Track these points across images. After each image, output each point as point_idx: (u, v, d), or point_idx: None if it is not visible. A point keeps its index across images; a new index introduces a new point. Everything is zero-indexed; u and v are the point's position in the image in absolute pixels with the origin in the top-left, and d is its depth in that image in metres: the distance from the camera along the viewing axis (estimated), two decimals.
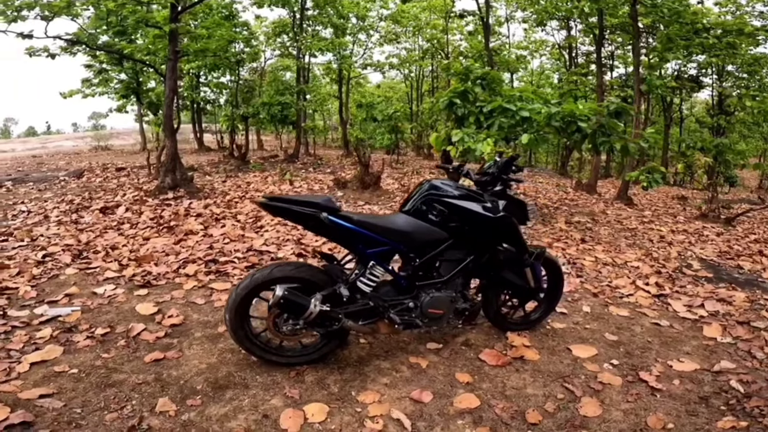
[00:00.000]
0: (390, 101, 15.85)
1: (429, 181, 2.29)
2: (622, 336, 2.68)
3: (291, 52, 11.26)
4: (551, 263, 2.65)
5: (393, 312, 2.14)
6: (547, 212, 6.60)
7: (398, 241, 2.09)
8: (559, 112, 4.98)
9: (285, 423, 1.77)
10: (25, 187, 7.23)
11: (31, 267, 3.48)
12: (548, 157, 19.63)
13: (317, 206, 1.95)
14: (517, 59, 15.06)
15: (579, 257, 4.33)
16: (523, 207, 2.41)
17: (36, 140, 21.32)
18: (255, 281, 1.99)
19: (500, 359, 2.29)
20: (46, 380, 1.99)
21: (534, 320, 2.69)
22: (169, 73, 5.58)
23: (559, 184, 10.57)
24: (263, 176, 8.39)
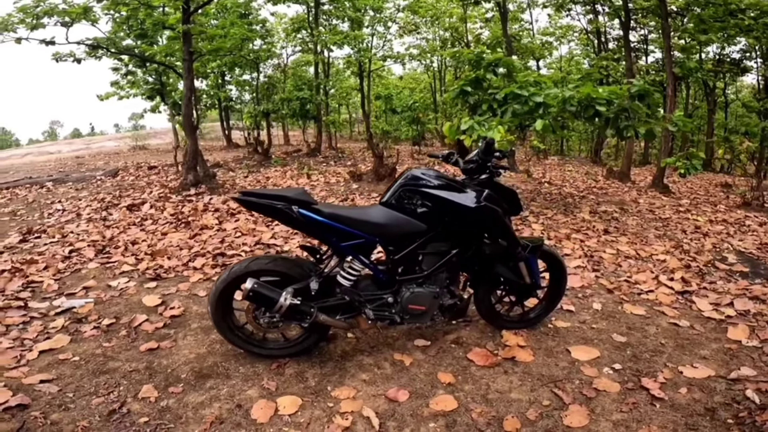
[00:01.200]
0: (413, 92, 15.65)
1: (409, 170, 2.22)
2: (632, 337, 2.50)
3: (310, 48, 11.33)
4: (551, 257, 2.50)
5: (370, 307, 2.10)
6: (570, 201, 6.31)
7: (373, 233, 2.04)
8: (573, 96, 4.72)
9: (256, 413, 1.80)
10: (64, 187, 7.72)
11: (57, 262, 3.72)
12: (581, 144, 18.76)
13: (287, 200, 1.93)
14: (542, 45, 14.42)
15: (598, 250, 4.11)
16: (513, 196, 2.28)
17: (80, 141, 22.78)
18: (233, 274, 2.02)
19: (489, 359, 2.21)
20: (50, 367, 2.12)
21: (532, 318, 2.57)
22: (185, 73, 5.76)
23: (589, 172, 10.08)
24: (283, 171, 8.54)
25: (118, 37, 7.03)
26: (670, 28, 7.92)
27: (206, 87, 12.39)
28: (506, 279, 2.39)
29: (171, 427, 1.73)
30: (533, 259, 2.38)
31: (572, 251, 4.00)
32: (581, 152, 18.18)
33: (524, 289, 2.45)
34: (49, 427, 1.71)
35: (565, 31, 15.34)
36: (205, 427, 1.72)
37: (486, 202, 2.12)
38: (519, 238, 2.30)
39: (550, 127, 4.77)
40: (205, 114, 15.89)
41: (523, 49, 12.86)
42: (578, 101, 4.76)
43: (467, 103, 5.68)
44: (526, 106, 5.06)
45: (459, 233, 2.17)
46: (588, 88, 4.81)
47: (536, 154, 12.00)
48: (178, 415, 1.79)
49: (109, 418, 1.76)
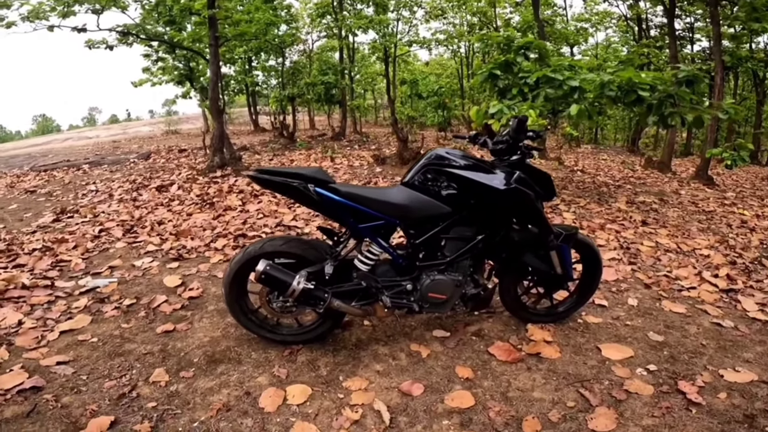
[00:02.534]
0: (439, 78, 15.21)
1: (434, 149, 2.08)
2: (671, 337, 2.32)
3: (335, 33, 11.15)
4: (586, 247, 2.32)
5: (387, 294, 2.00)
6: (605, 191, 5.99)
7: (393, 215, 1.92)
8: (613, 81, 4.41)
9: (264, 402, 1.75)
10: (99, 170, 8.00)
11: (86, 241, 3.82)
12: (617, 133, 17.85)
13: (303, 178, 1.84)
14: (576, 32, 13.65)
15: (635, 241, 3.86)
16: (546, 179, 2.09)
17: (117, 127, 23.67)
18: (247, 255, 1.97)
19: (511, 354, 2.08)
20: (68, 348, 2.14)
21: (561, 312, 2.41)
22: (211, 58, 5.76)
23: (625, 161, 9.56)
24: (308, 154, 8.52)
25: (147, 23, 7.11)
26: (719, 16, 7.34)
27: (234, 72, 12.49)
28: (535, 269, 2.24)
29: (178, 413, 1.70)
30: (566, 249, 2.21)
31: (607, 242, 3.78)
32: (617, 141, 17.31)
33: (554, 281, 2.28)
34: (60, 410, 1.71)
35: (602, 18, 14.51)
36: (211, 414, 1.69)
37: (516, 184, 1.95)
38: (551, 225, 2.14)
39: (585, 112, 4.49)
40: (233, 99, 16.08)
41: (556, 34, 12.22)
42: (618, 86, 4.45)
43: (496, 87, 5.44)
44: (560, 90, 4.81)
45: (486, 217, 2.02)
46: (630, 72, 4.48)
47: (568, 142, 11.48)
48: (186, 401, 1.77)
49: (118, 402, 1.75)
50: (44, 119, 65.11)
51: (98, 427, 1.61)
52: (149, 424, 1.64)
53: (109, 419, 1.65)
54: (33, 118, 68.26)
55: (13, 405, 1.73)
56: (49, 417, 1.68)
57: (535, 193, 2.03)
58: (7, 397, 1.77)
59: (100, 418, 1.65)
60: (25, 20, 5.49)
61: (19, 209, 5.27)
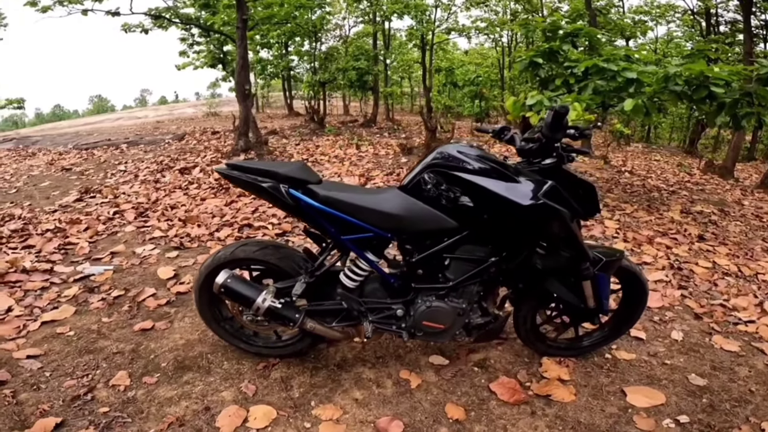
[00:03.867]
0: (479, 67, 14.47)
1: (442, 146, 1.67)
2: (715, 380, 1.93)
3: (371, 18, 10.80)
4: (631, 275, 1.88)
5: (373, 317, 1.72)
6: (656, 196, 5.36)
7: (383, 227, 1.59)
8: (680, 74, 3.84)
9: (221, 421, 1.57)
10: (135, 149, 8.20)
11: (98, 223, 3.81)
12: (672, 132, 16.38)
13: (276, 176, 1.56)
14: (634, 24, 12.46)
15: (689, 261, 3.34)
16: (589, 192, 1.66)
17: (165, 108, 24.62)
18: (217, 261, 1.76)
19: (515, 394, 1.76)
20: (44, 341, 2.05)
21: (586, 346, 2.03)
22: (239, 41, 5.65)
23: (681, 163, 8.66)
24: (334, 140, 8.34)
25: (179, 6, 7.13)
26: None
27: (270, 57, 12.47)
28: (561, 299, 1.85)
29: (128, 422, 1.56)
30: (604, 278, 1.78)
31: (654, 259, 3.29)
32: (671, 140, 15.90)
33: (583, 313, 1.88)
34: (13, 407, 1.61)
35: (663, 11, 13.16)
36: (162, 428, 1.53)
37: (545, 198, 1.54)
38: (589, 249, 1.72)
39: (643, 108, 3.95)
40: (270, 83, 16.17)
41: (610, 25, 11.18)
42: (686, 80, 3.87)
43: (537, 77, 4.96)
44: (613, 82, 4.28)
45: (503, 237, 1.66)
46: (701, 65, 3.88)
47: (617, 139, 10.58)
48: (140, 410, 1.62)
49: (71, 404, 1.63)
50: (100, 99, 69.48)
51: (43, 428, 1.53)
52: (94, 430, 1.52)
53: (55, 420, 1.55)
54: (90, 98, 73.05)
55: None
56: (2, 413, 1.60)
57: (571, 210, 1.61)
58: None
59: (48, 419, 1.56)
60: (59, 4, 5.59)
61: (49, 187, 5.43)
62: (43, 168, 6.84)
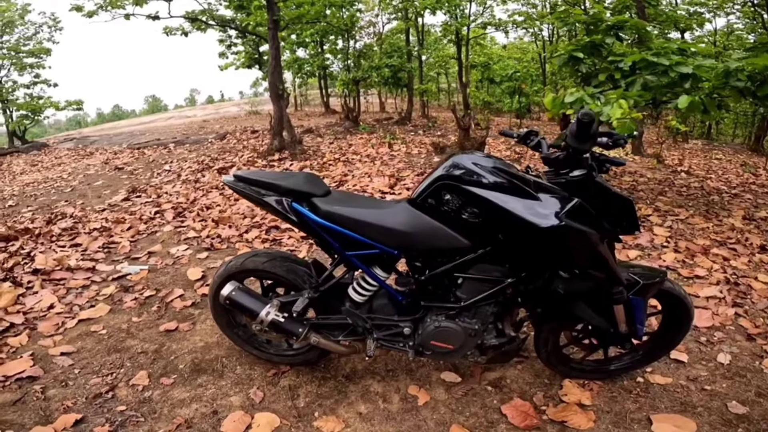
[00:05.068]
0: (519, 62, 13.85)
1: (455, 155, 1.54)
2: (757, 408, 1.73)
3: (403, 14, 10.64)
4: (673, 298, 1.70)
5: (378, 334, 1.67)
6: (716, 200, 4.88)
7: (389, 244, 1.53)
8: (742, 68, 3.48)
9: (226, 426, 1.61)
10: (181, 148, 8.64)
11: (140, 223, 4.05)
12: (737, 129, 14.92)
13: (279, 190, 1.55)
14: (689, 15, 11.38)
15: (748, 274, 2.99)
16: (626, 208, 1.48)
17: (212, 107, 25.75)
18: (228, 270, 1.80)
19: (528, 419, 1.66)
20: (78, 338, 2.20)
21: (613, 370, 1.87)
22: (270, 41, 5.76)
23: (746, 163, 7.88)
24: (368, 138, 8.34)
25: (217, 9, 7.41)
26: None
27: (306, 56, 12.68)
28: (589, 323, 1.70)
29: (140, 421, 1.64)
30: (639, 303, 1.60)
31: (708, 273, 2.97)
32: (735, 137, 14.50)
33: (612, 336, 1.71)
34: (41, 402, 1.73)
35: (722, 2, 11.96)
36: (170, 428, 1.59)
37: (568, 219, 1.38)
38: (624, 269, 1.57)
39: (700, 105, 3.61)
40: (307, 81, 16.45)
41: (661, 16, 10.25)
42: (749, 75, 3.51)
43: (578, 72, 4.66)
44: (664, 77, 3.93)
45: (520, 258, 1.53)
46: (765, 59, 3.49)
47: (673, 136, 9.78)
48: (153, 410, 1.70)
49: (92, 401, 1.74)
50: (154, 99, 74.03)
51: (63, 424, 1.62)
52: (109, 428, 1.61)
53: (75, 417, 1.65)
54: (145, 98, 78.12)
55: (7, 392, 1.80)
56: (30, 407, 1.72)
57: (601, 231, 1.45)
58: (6, 384, 1.84)
59: (69, 415, 1.66)
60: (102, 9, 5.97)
61: (102, 186, 5.85)
62: (98, 167, 7.37)
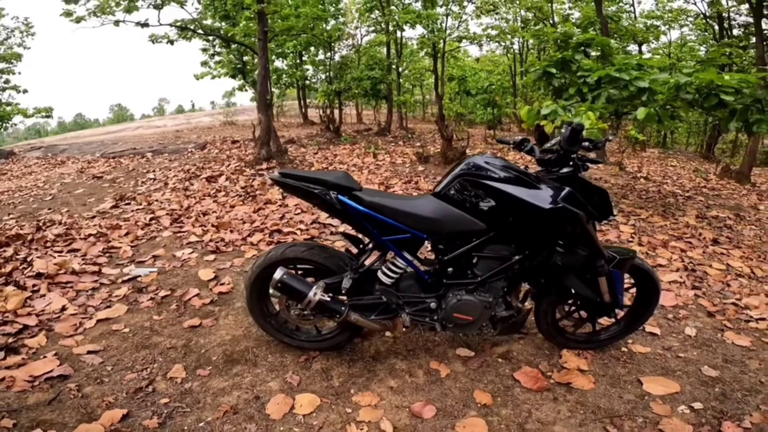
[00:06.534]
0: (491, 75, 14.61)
1: (470, 156, 1.92)
2: (727, 372, 2.06)
3: (383, 27, 11.06)
4: (643, 273, 2.08)
5: (409, 310, 1.91)
6: (672, 202, 5.45)
7: (420, 229, 1.80)
8: (690, 83, 3.97)
9: (270, 408, 1.73)
10: (160, 158, 8.52)
11: (137, 229, 4.05)
12: (689, 137, 16.28)
13: (326, 184, 1.78)
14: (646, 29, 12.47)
15: (703, 263, 3.46)
16: (602, 197, 1.88)
17: (182, 117, 25.21)
18: (269, 260, 1.96)
19: (538, 382, 1.92)
20: (101, 337, 2.24)
21: (603, 340, 2.19)
22: (260, 52, 5.91)
23: (698, 169, 8.68)
24: (351, 149, 8.56)
25: (204, 18, 7.46)
26: None
27: (285, 66, 12.82)
28: (579, 294, 2.04)
29: (187, 411, 1.73)
30: (618, 275, 1.98)
31: (669, 262, 3.42)
32: (689, 145, 15.80)
33: (599, 307, 2.06)
34: (80, 400, 1.76)
35: (676, 15, 13.17)
36: (218, 416, 1.69)
37: (564, 203, 1.75)
38: (604, 248, 1.93)
39: (655, 116, 4.08)
40: (285, 92, 16.55)
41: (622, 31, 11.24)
42: (697, 88, 4.01)
43: (550, 86, 5.11)
44: (625, 91, 4.42)
45: (526, 237, 1.86)
46: (711, 74, 4.01)
47: (632, 145, 10.60)
48: (197, 400, 1.79)
49: (134, 396, 1.79)
50: (120, 108, 71.35)
51: (110, 420, 1.64)
52: (158, 420, 1.67)
53: (121, 412, 1.68)
54: (110, 107, 75.17)
55: (38, 392, 1.80)
56: (68, 406, 1.73)
57: (587, 213, 1.82)
58: (35, 384, 1.84)
59: (114, 411, 1.68)
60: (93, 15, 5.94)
61: (84, 194, 5.73)
62: (74, 176, 7.17)
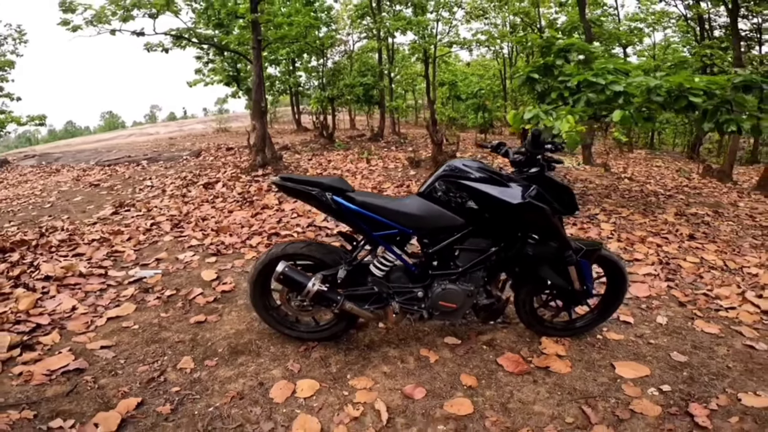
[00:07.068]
0: (481, 79, 14.91)
1: (450, 161, 2.13)
2: (695, 357, 2.22)
3: (374, 34, 11.32)
4: (611, 263, 2.28)
5: (399, 299, 2.08)
6: (653, 201, 5.68)
7: (406, 225, 2.00)
8: (661, 86, 4.19)
9: (274, 393, 1.89)
10: (156, 165, 8.64)
11: (139, 234, 4.20)
12: (676, 138, 16.69)
13: (322, 186, 1.97)
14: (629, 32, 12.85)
15: (677, 257, 3.66)
16: (567, 193, 2.09)
17: (175, 124, 25.29)
18: (270, 256, 2.13)
19: (519, 366, 2.09)
20: (112, 333, 2.39)
21: (579, 328, 2.37)
22: (254, 60, 6.07)
23: (682, 168, 8.96)
24: (345, 155, 8.74)
25: (198, 27, 7.62)
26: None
27: (278, 73, 13.02)
28: (552, 283, 2.22)
29: (196, 398, 1.88)
30: (586, 264, 2.18)
31: (645, 256, 3.62)
32: (675, 146, 16.20)
33: (572, 296, 2.26)
34: (96, 391, 1.90)
35: (658, 17, 13.57)
36: (225, 401, 1.85)
37: (531, 198, 1.97)
38: (573, 240, 2.14)
39: (630, 118, 4.30)
40: (278, 99, 16.73)
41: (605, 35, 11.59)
42: (667, 91, 4.23)
43: (534, 90, 5.32)
44: (602, 95, 4.63)
45: (500, 230, 2.06)
46: (680, 76, 4.25)
47: (619, 147, 10.91)
48: (206, 388, 1.94)
49: (147, 386, 1.94)
50: (111, 116, 71.07)
51: (126, 407, 1.78)
52: (170, 406, 1.81)
53: (136, 400, 1.82)
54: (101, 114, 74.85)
55: (56, 385, 1.94)
56: (86, 396, 1.87)
57: (552, 208, 2.02)
58: (52, 377, 1.98)
59: (129, 400, 1.83)
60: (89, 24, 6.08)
61: (82, 201, 5.85)
62: (70, 184, 7.27)
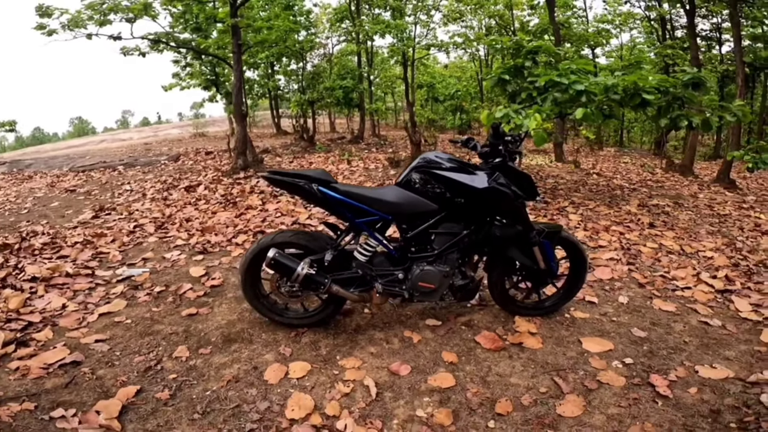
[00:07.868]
0: (459, 81, 15.27)
1: (424, 153, 2.32)
2: (654, 333, 2.43)
3: (354, 37, 11.51)
4: (571, 245, 2.49)
5: (381, 282, 2.24)
6: (618, 194, 6.03)
7: (386, 211, 2.17)
8: (617, 84, 4.50)
9: (268, 375, 2.01)
10: (133, 170, 8.53)
11: (123, 236, 4.20)
12: (644, 136, 17.48)
13: (308, 178, 2.13)
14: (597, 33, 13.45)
15: (638, 243, 3.94)
16: (527, 181, 2.30)
17: (149, 129, 24.75)
18: (261, 245, 2.25)
19: (495, 343, 2.27)
20: (105, 328, 2.45)
21: (548, 307, 2.58)
22: (235, 64, 6.13)
23: (647, 164, 9.45)
24: (326, 157, 8.85)
25: (176, 31, 7.59)
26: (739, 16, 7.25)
27: (257, 77, 13.03)
28: (520, 263, 2.42)
29: (194, 384, 1.97)
30: (548, 245, 2.39)
31: (608, 243, 3.89)
32: (643, 144, 16.96)
33: (539, 276, 2.46)
34: (95, 381, 1.97)
35: (624, 19, 14.21)
36: (222, 385, 1.95)
37: (495, 184, 2.18)
38: (535, 223, 2.34)
39: (591, 115, 4.58)
40: (257, 102, 16.67)
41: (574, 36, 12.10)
42: (623, 89, 4.53)
43: (506, 91, 5.58)
44: (566, 94, 4.90)
45: (470, 214, 2.25)
46: (635, 75, 4.56)
47: (589, 145, 11.39)
48: (202, 373, 2.04)
49: (145, 374, 2.02)
50: (80, 121, 68.73)
51: (125, 395, 1.86)
52: (168, 392, 1.91)
53: (135, 388, 1.91)
54: (69, 120, 72.33)
55: (54, 377, 2.00)
56: (85, 387, 1.94)
57: (514, 193, 2.23)
58: (50, 371, 2.04)
59: (128, 388, 1.91)
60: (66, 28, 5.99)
61: (60, 207, 5.77)
62: (45, 190, 7.12)
